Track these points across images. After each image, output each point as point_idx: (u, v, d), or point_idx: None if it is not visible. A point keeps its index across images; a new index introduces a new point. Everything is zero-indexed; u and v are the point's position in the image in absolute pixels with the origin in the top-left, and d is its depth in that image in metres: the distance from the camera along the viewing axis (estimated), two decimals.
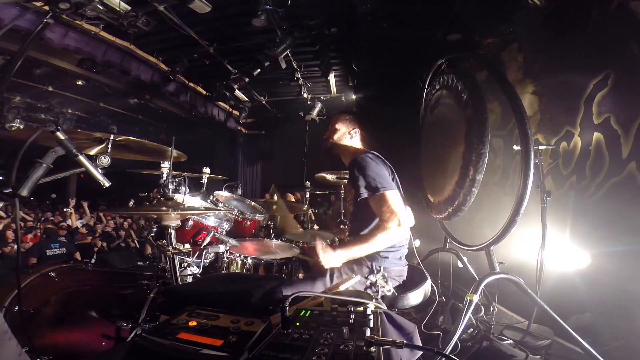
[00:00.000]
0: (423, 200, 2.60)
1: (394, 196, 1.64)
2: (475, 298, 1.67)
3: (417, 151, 2.84)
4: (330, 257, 1.61)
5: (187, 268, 1.98)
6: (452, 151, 2.09)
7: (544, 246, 2.06)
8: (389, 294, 1.68)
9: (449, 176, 2.10)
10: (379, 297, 1.67)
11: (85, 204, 7.59)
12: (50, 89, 5.90)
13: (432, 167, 2.54)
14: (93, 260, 4.91)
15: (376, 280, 1.67)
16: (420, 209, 2.82)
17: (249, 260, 2.36)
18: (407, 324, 0.97)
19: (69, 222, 6.55)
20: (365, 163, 1.70)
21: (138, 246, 6.46)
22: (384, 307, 1.01)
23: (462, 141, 1.96)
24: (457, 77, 2.13)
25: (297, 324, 0.85)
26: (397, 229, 1.59)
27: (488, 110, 1.90)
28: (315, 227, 4.26)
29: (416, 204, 2.91)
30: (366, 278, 1.69)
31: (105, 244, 6.39)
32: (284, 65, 4.62)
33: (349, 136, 1.97)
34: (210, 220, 2.52)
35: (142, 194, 2.45)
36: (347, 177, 2.24)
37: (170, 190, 1.77)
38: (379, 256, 1.71)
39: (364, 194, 1.67)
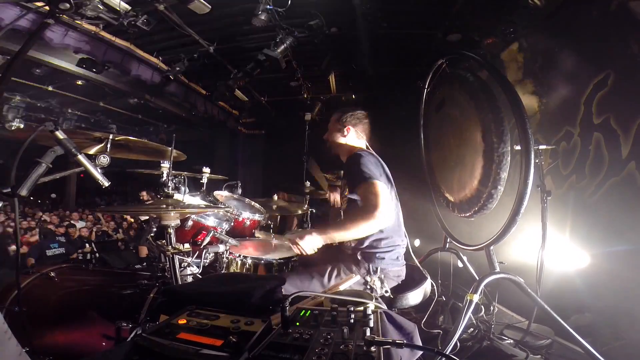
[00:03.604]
0: (442, 199, 2.58)
1: (381, 187, 1.65)
2: (476, 298, 1.67)
3: (418, 150, 2.84)
4: (310, 242, 1.62)
5: (187, 268, 1.98)
6: (469, 151, 2.10)
7: (544, 246, 2.06)
8: (386, 294, 1.69)
9: (469, 175, 2.11)
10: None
11: (76, 216, 7.49)
12: (50, 88, 5.89)
13: (447, 166, 2.52)
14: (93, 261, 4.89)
15: (373, 281, 1.67)
16: (421, 208, 2.81)
17: (249, 260, 2.35)
18: (407, 323, 0.97)
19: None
20: (358, 159, 1.72)
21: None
22: (384, 306, 1.00)
23: (480, 141, 1.96)
24: (464, 77, 2.13)
25: (297, 324, 0.85)
26: (379, 218, 1.58)
27: (502, 109, 1.89)
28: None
29: (419, 201, 2.89)
30: (364, 279, 1.69)
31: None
32: (284, 65, 4.61)
33: (344, 135, 1.98)
34: (210, 220, 2.51)
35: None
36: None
37: (170, 189, 1.77)
38: (376, 257, 1.72)
39: (355, 185, 1.68)
